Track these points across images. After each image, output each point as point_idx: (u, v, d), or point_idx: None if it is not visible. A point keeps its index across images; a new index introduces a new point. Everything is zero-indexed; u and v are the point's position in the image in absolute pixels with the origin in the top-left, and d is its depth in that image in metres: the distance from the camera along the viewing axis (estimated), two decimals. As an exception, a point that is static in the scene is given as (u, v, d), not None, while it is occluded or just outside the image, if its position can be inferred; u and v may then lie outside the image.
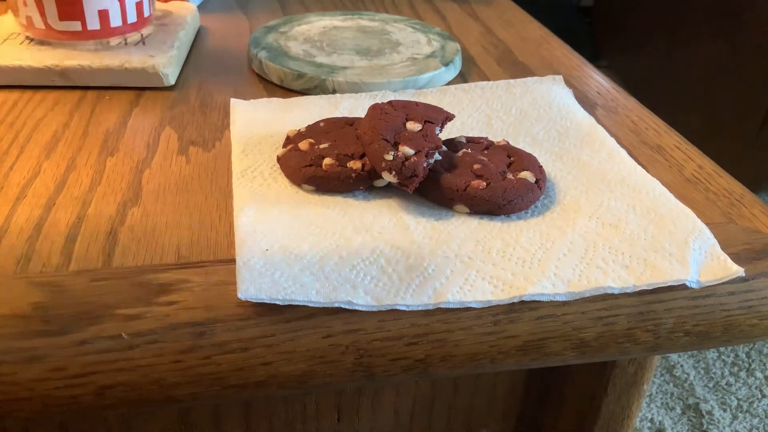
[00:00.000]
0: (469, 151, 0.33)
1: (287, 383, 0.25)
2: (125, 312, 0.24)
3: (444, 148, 0.33)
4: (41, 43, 0.43)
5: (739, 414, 1.11)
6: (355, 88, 0.41)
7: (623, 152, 0.35)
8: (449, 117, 0.34)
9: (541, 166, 0.32)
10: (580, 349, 0.27)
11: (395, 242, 0.28)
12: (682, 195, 0.33)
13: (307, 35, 0.49)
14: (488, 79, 0.46)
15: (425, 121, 0.32)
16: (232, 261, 0.27)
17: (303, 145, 0.33)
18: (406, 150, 0.30)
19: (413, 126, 0.32)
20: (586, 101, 0.43)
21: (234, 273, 0.26)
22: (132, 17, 0.44)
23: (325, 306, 0.25)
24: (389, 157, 0.29)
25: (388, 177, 0.29)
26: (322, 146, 0.32)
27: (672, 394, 1.14)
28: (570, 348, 0.27)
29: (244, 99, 0.40)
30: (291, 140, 0.34)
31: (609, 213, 0.30)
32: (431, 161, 0.30)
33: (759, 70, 1.46)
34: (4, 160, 0.33)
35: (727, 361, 1.21)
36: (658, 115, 0.41)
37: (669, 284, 0.27)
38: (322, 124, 0.35)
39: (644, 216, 0.30)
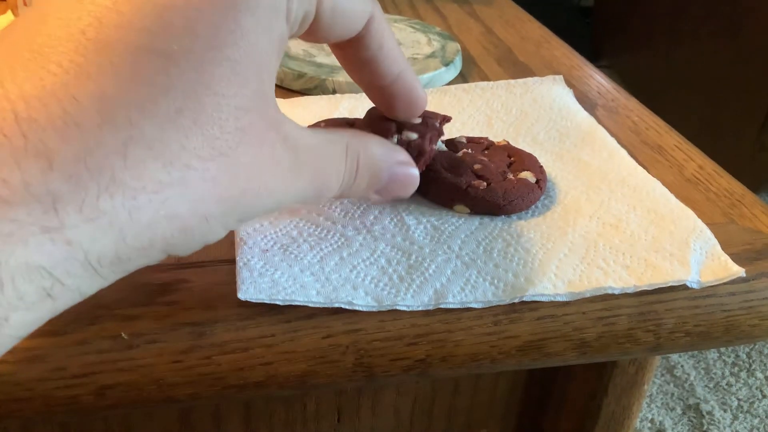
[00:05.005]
0: (470, 151, 0.33)
1: (287, 383, 0.25)
2: (125, 312, 0.24)
3: (444, 148, 0.33)
4: (41, 42, 0.43)
5: (740, 414, 1.11)
6: (355, 88, 0.41)
7: (624, 152, 0.35)
8: (446, 118, 0.33)
9: (541, 167, 0.32)
10: (581, 350, 0.27)
11: (395, 242, 0.28)
12: (682, 195, 0.33)
13: (308, 35, 0.49)
14: (488, 79, 0.46)
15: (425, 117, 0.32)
16: (232, 261, 0.27)
17: (303, 145, 0.33)
18: (410, 135, 0.29)
19: (414, 120, 0.31)
20: (586, 101, 0.43)
21: (234, 273, 0.26)
22: (132, 17, 0.44)
23: (326, 306, 0.25)
24: (393, 140, 0.29)
25: None
26: (322, 146, 0.32)
27: (672, 394, 1.14)
28: (571, 348, 0.27)
29: (245, 99, 0.40)
30: (291, 140, 0.34)
31: (609, 213, 0.30)
32: (435, 147, 0.30)
33: (759, 70, 1.46)
34: (4, 160, 0.33)
35: (727, 362, 1.21)
36: (658, 115, 0.41)
37: (670, 284, 0.27)
38: (322, 125, 0.35)
39: (645, 216, 0.30)
